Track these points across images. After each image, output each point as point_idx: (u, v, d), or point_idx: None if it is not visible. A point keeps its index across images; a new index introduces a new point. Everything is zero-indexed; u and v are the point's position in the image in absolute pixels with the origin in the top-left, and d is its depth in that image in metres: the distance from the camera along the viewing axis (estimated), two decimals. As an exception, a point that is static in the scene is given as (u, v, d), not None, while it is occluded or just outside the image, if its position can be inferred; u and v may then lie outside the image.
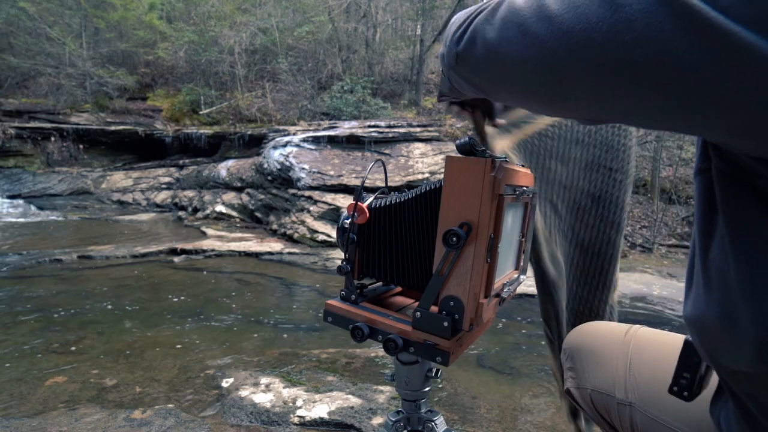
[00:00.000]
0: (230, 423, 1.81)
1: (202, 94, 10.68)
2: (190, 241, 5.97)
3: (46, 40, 11.21)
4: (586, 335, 0.82)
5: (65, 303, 3.52)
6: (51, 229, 6.97)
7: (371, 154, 7.50)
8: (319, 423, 1.82)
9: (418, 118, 9.19)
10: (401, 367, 0.72)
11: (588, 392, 0.76)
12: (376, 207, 0.67)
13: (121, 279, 4.33)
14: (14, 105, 10.07)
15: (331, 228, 6.24)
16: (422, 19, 11.70)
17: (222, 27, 10.98)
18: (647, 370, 0.70)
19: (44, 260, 4.82)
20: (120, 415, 1.83)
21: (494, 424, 1.90)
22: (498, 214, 0.56)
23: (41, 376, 2.29)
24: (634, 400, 0.69)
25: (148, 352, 2.67)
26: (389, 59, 12.26)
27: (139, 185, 10.12)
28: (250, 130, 9.60)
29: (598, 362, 0.76)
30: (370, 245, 0.69)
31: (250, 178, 8.21)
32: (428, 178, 6.93)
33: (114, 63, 11.50)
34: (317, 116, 9.86)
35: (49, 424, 1.76)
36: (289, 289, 4.30)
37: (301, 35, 11.31)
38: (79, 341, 2.80)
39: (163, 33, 11.83)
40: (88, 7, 11.63)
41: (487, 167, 0.54)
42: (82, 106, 10.54)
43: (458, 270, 0.56)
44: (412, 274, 0.66)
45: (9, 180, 9.55)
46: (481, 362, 2.66)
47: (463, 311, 0.57)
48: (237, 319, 3.34)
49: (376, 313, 0.66)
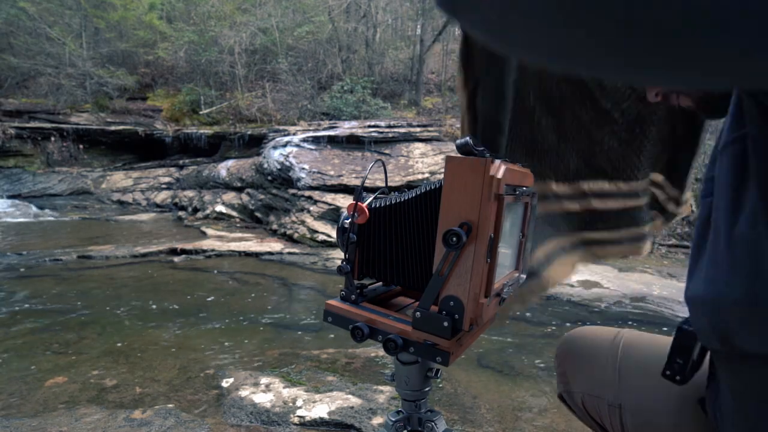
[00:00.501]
0: (230, 423, 1.81)
1: (202, 94, 10.68)
2: (190, 241, 5.97)
3: (46, 40, 11.21)
4: (576, 340, 0.83)
5: (65, 303, 3.52)
6: (51, 229, 6.97)
7: (371, 154, 7.50)
8: (319, 423, 1.82)
9: (418, 118, 9.19)
10: (401, 367, 0.72)
11: (579, 396, 0.77)
12: (376, 207, 0.67)
13: (121, 279, 4.33)
14: (14, 105, 10.07)
15: (331, 228, 6.24)
16: (422, 19, 11.71)
17: (222, 27, 10.98)
18: (636, 372, 0.71)
19: (44, 260, 4.82)
20: (120, 415, 1.83)
21: (494, 424, 1.90)
22: (498, 214, 0.56)
23: (41, 376, 2.29)
24: (623, 402, 0.70)
25: (148, 352, 2.67)
26: (389, 59, 12.26)
27: (139, 185, 10.12)
28: (250, 130, 9.60)
29: (588, 366, 0.78)
30: (370, 245, 0.69)
31: (250, 178, 8.21)
32: (428, 178, 6.93)
33: (114, 63, 11.50)
34: (317, 116, 9.86)
35: (49, 424, 1.75)
36: (289, 289, 4.30)
37: (301, 35, 11.31)
38: (79, 341, 2.80)
39: (163, 33, 11.83)
40: (88, 7, 11.63)
41: (487, 167, 0.54)
42: (82, 106, 10.54)
43: (458, 270, 0.56)
44: (412, 274, 0.66)
45: (9, 180, 9.56)
46: (481, 362, 2.66)
47: (463, 311, 0.57)
48: (237, 319, 3.34)
49: (376, 313, 0.66)
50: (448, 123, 8.79)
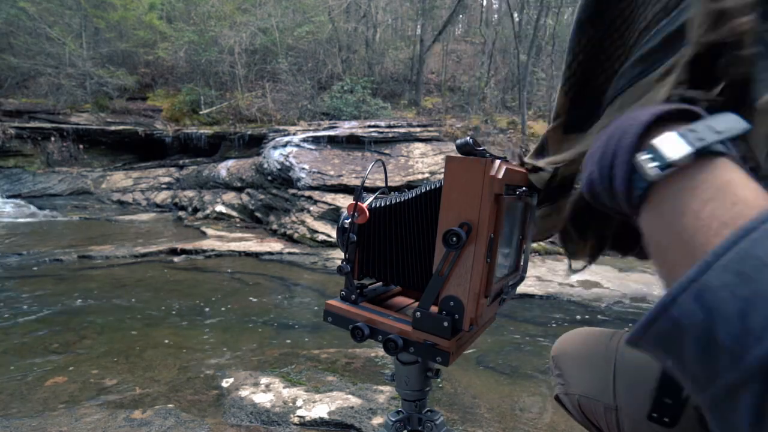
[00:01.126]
0: (230, 423, 1.81)
1: (202, 94, 10.68)
2: (190, 241, 5.97)
3: (46, 40, 11.21)
4: (572, 342, 0.83)
5: (65, 303, 3.52)
6: (51, 229, 6.97)
7: (371, 154, 7.50)
8: (319, 423, 1.82)
9: (418, 118, 9.20)
10: (401, 367, 0.72)
11: (576, 398, 0.77)
12: (376, 207, 0.67)
13: (121, 279, 4.33)
14: (14, 105, 10.07)
15: (331, 228, 6.24)
16: (422, 19, 11.72)
17: (222, 27, 10.98)
18: (632, 373, 0.71)
19: (44, 260, 4.82)
20: (120, 415, 1.83)
21: (494, 424, 1.90)
22: (498, 214, 0.56)
23: (41, 376, 2.29)
24: (620, 404, 0.70)
25: (148, 352, 2.67)
26: (389, 59, 12.27)
27: (139, 185, 10.12)
28: (250, 130, 9.60)
29: (584, 368, 0.77)
30: (370, 245, 0.69)
31: (250, 178, 8.21)
32: (428, 178, 6.93)
33: (114, 63, 11.50)
34: (317, 116, 9.87)
35: (49, 424, 1.75)
36: (289, 289, 4.30)
37: (301, 35, 11.31)
38: (79, 341, 2.80)
39: (163, 33, 11.83)
40: (88, 7, 11.63)
41: (487, 167, 0.54)
42: (82, 106, 10.54)
43: (458, 270, 0.56)
44: (412, 274, 0.66)
45: (9, 180, 9.56)
46: (481, 362, 2.66)
47: (463, 311, 0.57)
48: (237, 320, 3.34)
49: (376, 313, 0.66)
50: (448, 123, 8.79)
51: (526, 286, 4.27)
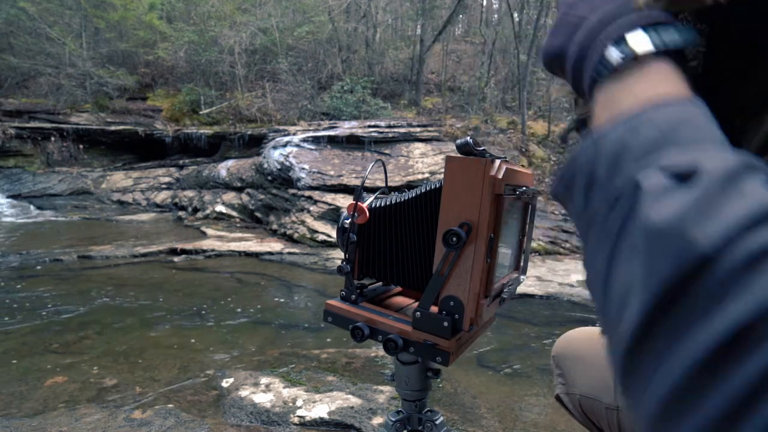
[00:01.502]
0: (230, 423, 1.81)
1: (202, 94, 10.68)
2: (190, 241, 5.97)
3: (46, 40, 11.21)
4: (573, 342, 0.83)
5: (65, 303, 3.52)
6: (51, 229, 6.97)
7: (371, 154, 7.50)
8: (319, 423, 1.82)
9: (418, 118, 9.20)
10: (401, 367, 0.72)
11: (577, 397, 0.77)
12: (376, 207, 0.67)
13: (121, 279, 4.33)
14: (14, 105, 10.07)
15: (331, 228, 6.24)
16: (422, 19, 11.71)
17: (222, 27, 10.98)
18: None
19: (44, 260, 4.82)
20: (120, 415, 1.83)
21: (494, 424, 1.89)
22: (498, 214, 0.56)
23: (41, 376, 2.29)
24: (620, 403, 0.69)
25: (148, 352, 2.67)
26: (389, 59, 12.27)
27: (139, 185, 10.12)
28: (250, 130, 9.60)
29: (585, 368, 0.77)
30: (370, 245, 0.69)
31: (250, 178, 8.21)
32: (428, 178, 6.93)
33: (114, 63, 11.50)
34: (317, 116, 9.86)
35: (49, 424, 1.75)
36: (289, 289, 4.30)
37: (301, 35, 11.31)
38: (79, 341, 2.80)
39: (163, 33, 11.83)
40: (88, 7, 11.63)
41: (486, 167, 0.54)
42: (82, 106, 10.54)
43: (458, 270, 0.56)
44: (412, 274, 0.66)
45: (9, 180, 9.55)
46: (481, 362, 2.66)
47: (463, 311, 0.57)
48: (237, 320, 3.34)
49: (376, 313, 0.66)
50: (448, 123, 8.79)
51: (526, 286, 4.27)
